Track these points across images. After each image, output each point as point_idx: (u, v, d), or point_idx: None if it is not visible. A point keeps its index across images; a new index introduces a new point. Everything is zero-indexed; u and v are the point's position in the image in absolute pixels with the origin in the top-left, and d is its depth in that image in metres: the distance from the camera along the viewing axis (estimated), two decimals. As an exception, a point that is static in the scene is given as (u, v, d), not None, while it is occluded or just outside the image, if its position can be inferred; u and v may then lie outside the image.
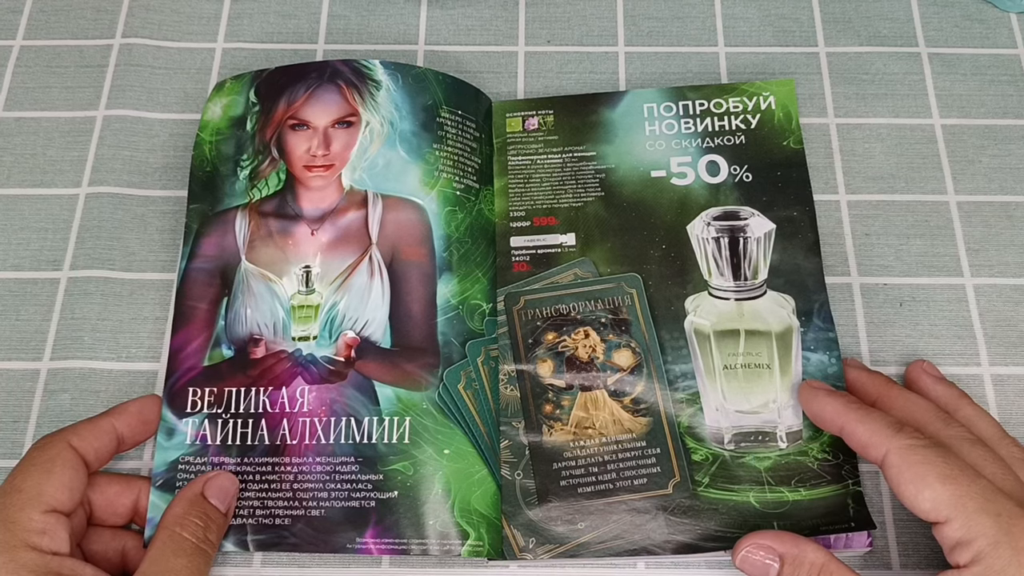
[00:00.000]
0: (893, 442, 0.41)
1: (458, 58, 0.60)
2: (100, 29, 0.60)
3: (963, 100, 0.58)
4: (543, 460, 0.48)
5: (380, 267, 0.50)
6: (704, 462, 0.48)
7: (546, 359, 0.50)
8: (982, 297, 0.53)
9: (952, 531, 0.39)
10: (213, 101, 0.55)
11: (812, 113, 0.58)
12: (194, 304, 0.50)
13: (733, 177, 0.54)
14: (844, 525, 0.46)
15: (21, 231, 0.55)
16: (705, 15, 0.61)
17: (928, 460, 0.40)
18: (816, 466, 0.47)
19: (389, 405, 0.48)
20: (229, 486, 0.45)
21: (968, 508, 0.39)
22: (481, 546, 0.46)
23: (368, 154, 0.52)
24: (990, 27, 0.61)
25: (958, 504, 0.39)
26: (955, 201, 0.55)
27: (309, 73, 0.54)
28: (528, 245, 0.53)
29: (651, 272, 0.52)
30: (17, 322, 0.52)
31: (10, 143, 0.57)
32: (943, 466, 0.40)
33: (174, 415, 0.48)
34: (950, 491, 0.39)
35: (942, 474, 0.40)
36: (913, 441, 0.41)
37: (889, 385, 0.48)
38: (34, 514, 0.40)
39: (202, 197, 0.52)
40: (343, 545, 0.45)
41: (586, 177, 0.55)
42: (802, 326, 0.50)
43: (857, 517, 0.46)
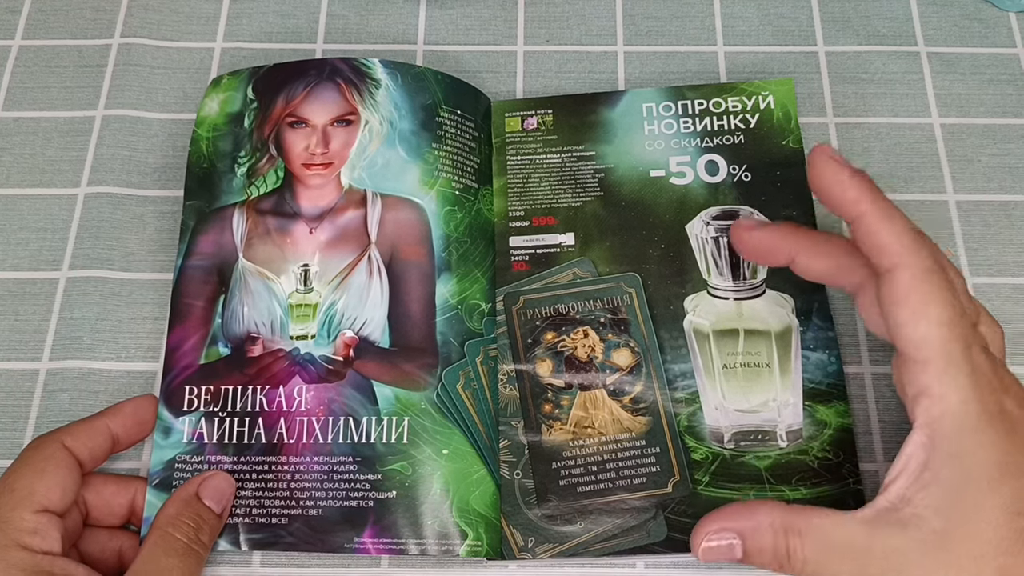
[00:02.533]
0: (912, 260, 0.38)
1: (457, 58, 0.60)
2: (99, 29, 0.60)
3: (962, 99, 0.58)
4: (542, 459, 0.48)
5: (379, 266, 0.50)
6: (704, 461, 0.48)
7: (545, 359, 0.50)
8: (981, 296, 0.53)
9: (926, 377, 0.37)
10: (210, 97, 0.55)
11: (811, 112, 0.58)
12: (190, 302, 0.50)
13: (732, 176, 0.54)
14: None
15: (20, 231, 0.55)
16: (704, 14, 0.61)
17: (939, 292, 0.37)
18: (816, 465, 0.47)
19: (388, 405, 0.48)
20: (225, 487, 0.45)
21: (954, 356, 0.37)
22: (480, 546, 0.46)
23: (367, 153, 0.52)
24: (989, 26, 0.61)
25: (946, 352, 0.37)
26: (954, 200, 0.55)
27: (308, 70, 0.54)
28: (527, 245, 0.53)
29: (650, 272, 0.52)
30: (16, 322, 0.52)
31: (9, 143, 0.57)
32: (950, 305, 0.37)
33: (170, 414, 0.48)
34: (944, 334, 0.37)
35: (951, 315, 0.37)
36: (933, 264, 0.38)
37: None
38: (26, 514, 0.40)
39: (199, 194, 0.52)
40: (341, 545, 0.45)
41: (585, 177, 0.55)
42: (801, 325, 0.50)
43: None
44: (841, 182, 0.40)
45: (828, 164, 0.40)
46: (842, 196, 0.40)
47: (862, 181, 0.40)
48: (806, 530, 0.39)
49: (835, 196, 0.40)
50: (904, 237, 0.38)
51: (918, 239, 0.38)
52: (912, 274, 0.37)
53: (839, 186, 0.40)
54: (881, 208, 0.39)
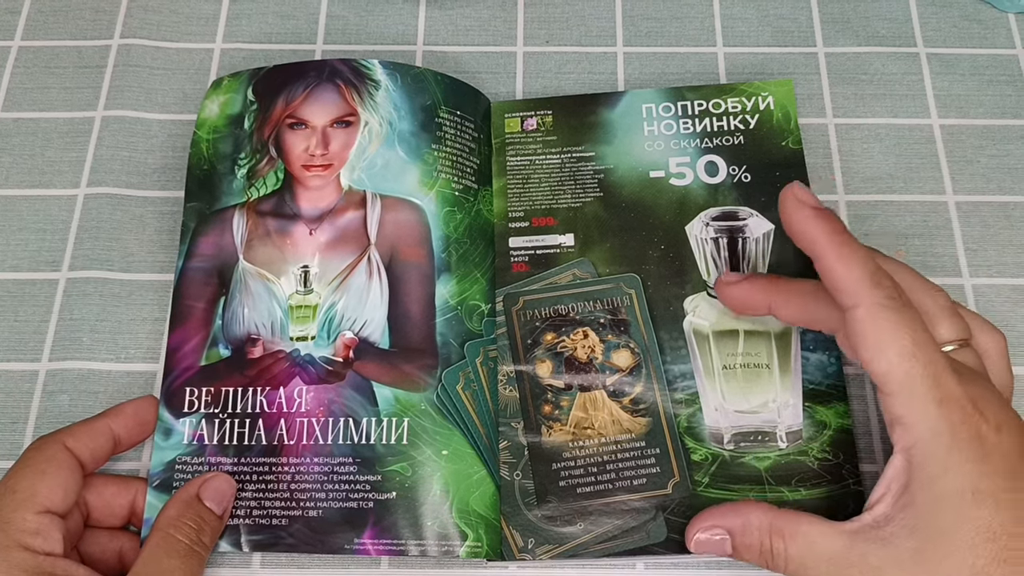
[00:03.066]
0: (867, 298, 0.39)
1: (457, 58, 0.60)
2: (98, 30, 0.60)
3: (962, 100, 0.58)
4: (542, 460, 0.48)
5: (379, 267, 0.50)
6: (704, 462, 0.48)
7: (545, 359, 0.50)
8: (981, 297, 0.53)
9: (895, 406, 0.38)
10: (210, 99, 0.55)
11: (811, 113, 0.58)
12: (191, 303, 0.50)
13: (732, 177, 0.54)
14: None
15: (19, 232, 0.55)
16: (704, 15, 0.61)
17: (897, 326, 0.38)
18: (816, 466, 0.47)
19: (387, 406, 0.48)
20: (226, 488, 0.45)
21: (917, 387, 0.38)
22: (480, 547, 0.46)
23: (367, 154, 0.52)
24: (988, 27, 0.61)
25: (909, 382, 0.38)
26: (953, 201, 0.55)
27: (308, 72, 0.54)
28: (527, 245, 0.53)
29: (650, 272, 0.52)
30: (15, 323, 0.52)
31: (8, 144, 0.57)
32: (909, 336, 0.38)
33: (171, 415, 0.48)
34: (906, 368, 0.38)
35: (904, 343, 0.38)
36: (887, 300, 0.39)
37: None
38: (27, 515, 0.40)
39: (199, 196, 0.52)
40: (341, 546, 0.45)
41: (585, 177, 0.55)
42: (801, 326, 0.50)
43: None
44: (802, 220, 0.41)
45: (791, 203, 0.42)
46: (803, 235, 0.41)
47: (822, 219, 0.41)
48: (791, 535, 0.41)
49: (798, 235, 0.42)
50: (859, 275, 0.39)
51: (875, 275, 0.39)
52: (868, 311, 0.38)
53: (800, 224, 0.41)
54: (838, 247, 0.40)
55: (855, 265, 0.39)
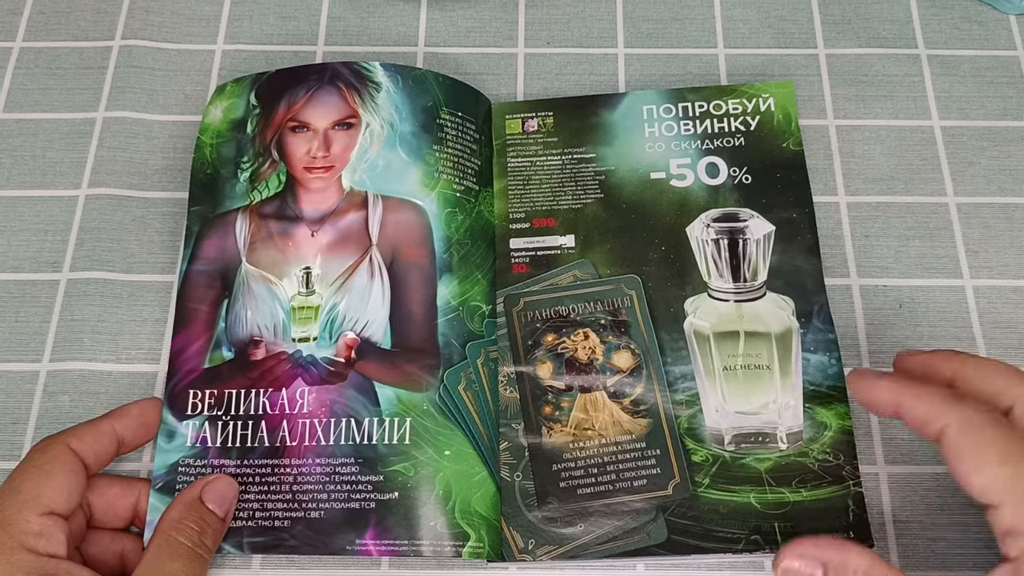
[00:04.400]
0: (952, 414, 0.39)
1: (458, 60, 0.60)
2: (100, 31, 0.60)
3: (962, 102, 0.58)
4: (542, 462, 0.48)
5: (380, 268, 0.50)
6: (704, 463, 0.48)
7: (545, 361, 0.50)
8: (981, 299, 0.53)
9: (1004, 517, 0.37)
10: (214, 104, 0.55)
11: (811, 115, 0.58)
12: (195, 306, 0.50)
13: (732, 179, 0.54)
14: (842, 534, 0.46)
15: (21, 233, 0.55)
16: (704, 17, 0.61)
17: (988, 438, 0.38)
18: (817, 467, 0.47)
19: (389, 406, 0.48)
20: (228, 491, 0.45)
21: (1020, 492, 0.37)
22: (481, 548, 0.46)
23: (368, 155, 0.52)
24: (989, 29, 0.61)
25: (1010, 487, 0.37)
26: (954, 203, 0.55)
27: (309, 75, 0.54)
28: (527, 247, 0.53)
29: (650, 274, 0.52)
30: (16, 324, 0.52)
31: (10, 145, 0.57)
32: (1003, 443, 0.38)
33: (174, 417, 0.48)
34: (1007, 472, 0.37)
35: (1001, 452, 0.37)
36: (974, 414, 0.39)
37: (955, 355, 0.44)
38: (31, 516, 0.40)
39: (203, 199, 0.52)
40: (342, 547, 0.45)
41: (586, 179, 0.55)
42: (802, 327, 0.50)
43: (857, 523, 0.46)
44: (873, 386, 0.43)
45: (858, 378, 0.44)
46: (880, 398, 0.42)
47: (888, 378, 0.42)
48: None
49: (879, 401, 0.42)
50: (942, 402, 0.40)
51: (951, 398, 0.40)
52: (955, 430, 0.39)
53: (873, 390, 0.43)
54: (912, 390, 0.41)
55: (931, 395, 0.40)
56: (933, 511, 0.48)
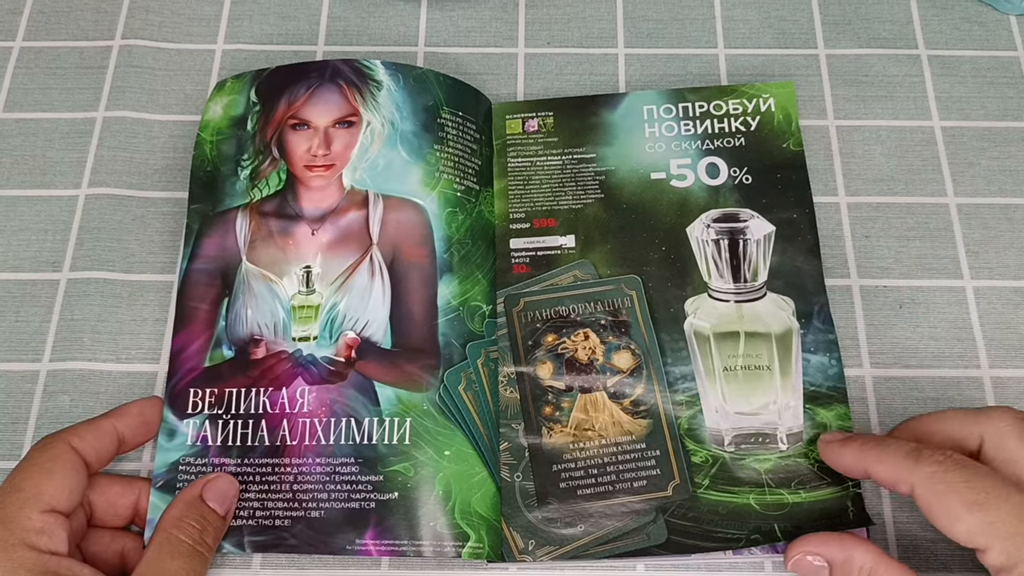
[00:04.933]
0: (914, 474, 0.40)
1: (458, 60, 0.60)
2: (100, 30, 0.60)
3: (963, 102, 0.58)
4: (542, 462, 0.48)
5: (381, 267, 0.50)
6: (704, 464, 0.48)
7: (546, 361, 0.50)
8: (982, 299, 0.53)
9: (992, 558, 0.38)
10: (214, 101, 0.55)
11: (812, 115, 0.58)
12: (195, 305, 0.50)
13: (733, 179, 0.54)
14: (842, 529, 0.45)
15: (21, 232, 0.55)
16: (705, 17, 0.61)
17: (952, 487, 0.39)
18: (816, 468, 0.47)
19: (389, 406, 0.48)
20: (228, 489, 0.45)
21: (1001, 534, 0.38)
22: (481, 548, 0.46)
23: (369, 154, 0.52)
24: (989, 29, 0.61)
25: (990, 531, 0.38)
26: (955, 203, 0.55)
27: (310, 73, 0.54)
28: (528, 247, 0.53)
29: (651, 274, 0.52)
30: (16, 323, 0.52)
31: (10, 144, 0.57)
32: (967, 492, 0.38)
33: (175, 416, 0.48)
34: (979, 519, 0.38)
35: (968, 501, 0.38)
36: (933, 468, 0.39)
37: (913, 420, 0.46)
38: (33, 514, 0.40)
39: (203, 197, 0.52)
40: (342, 546, 0.45)
41: (586, 179, 0.55)
42: (802, 328, 0.50)
43: (856, 520, 0.46)
44: (838, 453, 0.45)
45: (825, 447, 0.46)
46: (847, 464, 0.44)
47: (851, 443, 0.44)
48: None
49: (848, 468, 0.44)
50: (901, 461, 0.41)
51: (911, 455, 0.41)
52: (922, 489, 0.40)
53: (838, 456, 0.45)
54: (873, 454, 0.42)
55: (892, 455, 0.41)
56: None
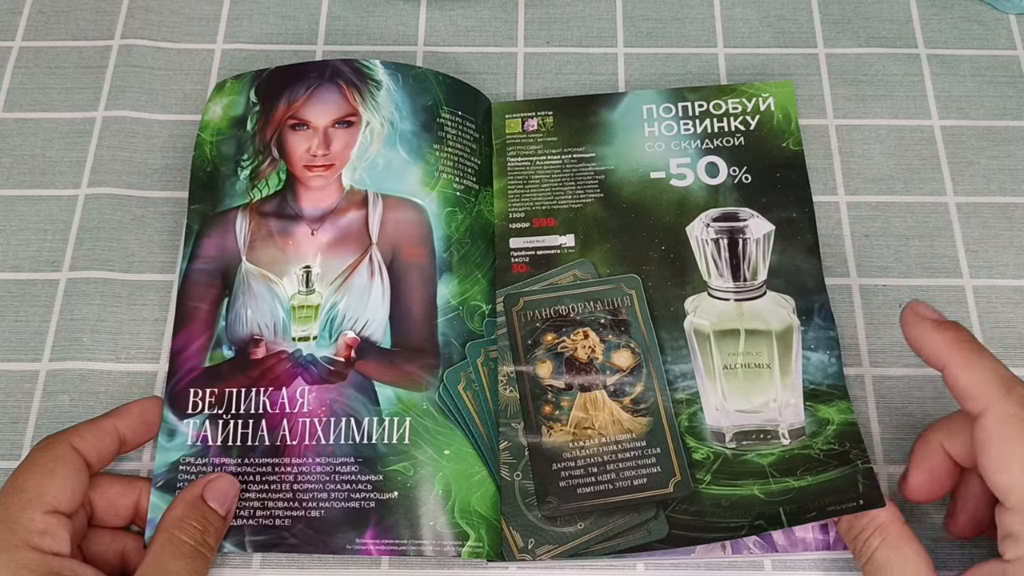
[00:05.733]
0: (997, 404, 0.38)
1: (457, 59, 0.60)
2: (99, 30, 0.60)
3: (962, 101, 0.58)
4: (542, 461, 0.48)
5: (380, 267, 0.50)
6: (705, 461, 0.48)
7: (545, 360, 0.50)
8: (981, 298, 0.53)
9: (1012, 520, 0.37)
10: (214, 101, 0.55)
11: (811, 114, 0.58)
12: (195, 305, 0.50)
13: (732, 178, 0.54)
14: (852, 504, 0.44)
15: (20, 232, 0.55)
16: (704, 16, 0.61)
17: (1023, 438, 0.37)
18: (822, 456, 0.47)
19: (389, 405, 0.48)
20: (229, 489, 0.45)
21: None
22: (481, 547, 0.46)
23: (368, 154, 0.52)
24: (989, 28, 0.61)
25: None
26: (954, 202, 0.55)
27: (309, 73, 0.54)
28: (527, 246, 0.53)
29: (650, 273, 0.52)
30: (16, 323, 0.52)
31: (9, 144, 0.57)
32: None
33: (175, 416, 0.48)
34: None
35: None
36: (1017, 409, 0.37)
37: None
38: (36, 514, 0.40)
39: (203, 197, 0.52)
40: (342, 546, 0.45)
41: (585, 178, 0.55)
42: (802, 325, 0.50)
43: (867, 493, 0.44)
44: (924, 331, 0.41)
45: (910, 317, 0.42)
46: (927, 346, 0.41)
47: (945, 329, 0.41)
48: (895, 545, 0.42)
49: (921, 347, 0.41)
50: (987, 383, 0.38)
51: (1004, 383, 0.38)
52: (995, 419, 0.37)
53: (922, 336, 0.41)
54: (965, 357, 0.39)
55: (983, 371, 0.39)
56: (934, 511, 0.48)
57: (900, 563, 0.41)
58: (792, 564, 0.47)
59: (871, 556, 0.42)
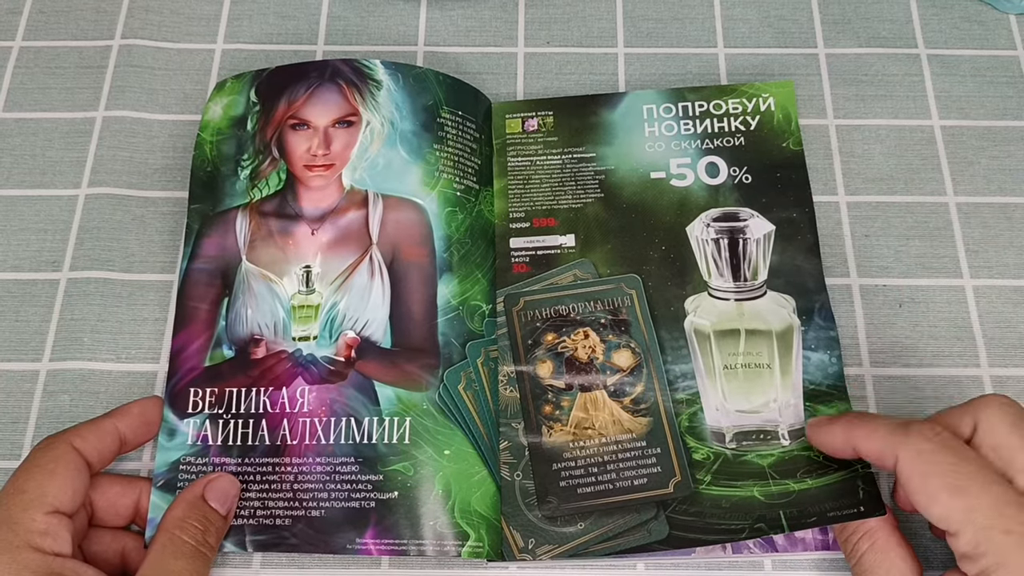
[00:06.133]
0: (901, 448, 0.39)
1: (457, 59, 0.60)
2: (99, 30, 0.60)
3: (962, 101, 0.58)
4: (542, 461, 0.48)
5: (380, 267, 0.50)
6: (706, 461, 0.48)
7: (545, 360, 0.50)
8: (981, 298, 0.53)
9: (960, 544, 0.38)
10: (214, 101, 0.55)
11: (811, 114, 0.58)
12: (195, 305, 0.50)
13: (733, 178, 0.54)
14: (852, 511, 0.44)
15: (20, 232, 0.55)
16: (704, 16, 0.61)
17: (938, 468, 0.38)
18: (821, 458, 0.47)
19: (389, 405, 0.48)
20: (229, 488, 0.45)
21: (977, 523, 0.37)
22: (481, 547, 0.46)
23: (368, 154, 0.52)
24: (989, 28, 0.61)
25: (967, 518, 0.37)
26: (954, 202, 0.55)
27: (310, 72, 0.54)
28: (527, 246, 0.53)
29: (651, 273, 0.52)
30: (16, 323, 0.52)
31: (9, 144, 0.57)
32: (952, 475, 0.38)
33: (175, 416, 0.48)
34: (959, 504, 0.38)
35: (950, 485, 0.38)
36: (922, 444, 0.39)
37: None
38: (37, 515, 0.40)
39: (203, 197, 0.52)
40: (343, 546, 0.45)
41: (586, 178, 0.55)
42: (803, 325, 0.50)
43: (867, 500, 0.45)
44: (824, 430, 0.44)
45: (812, 429, 0.45)
46: (836, 441, 0.44)
47: (839, 420, 0.44)
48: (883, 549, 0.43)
49: (836, 445, 0.44)
50: (889, 435, 0.41)
51: (899, 429, 0.40)
52: (907, 461, 0.39)
53: (823, 437, 0.45)
54: (861, 429, 0.42)
55: (878, 427, 0.41)
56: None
57: (886, 568, 0.42)
58: (792, 564, 0.47)
59: (859, 559, 0.43)
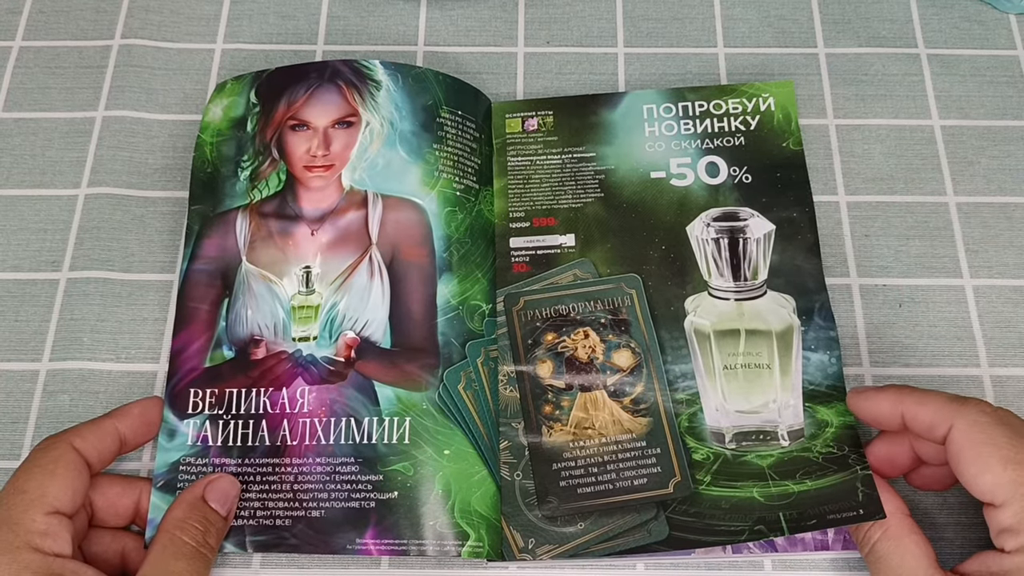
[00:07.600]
0: (957, 417, 0.40)
1: (457, 59, 0.60)
2: (99, 30, 0.60)
3: (962, 101, 0.58)
4: (542, 461, 0.48)
5: (380, 267, 0.50)
6: (705, 461, 0.48)
7: (545, 360, 0.50)
8: (981, 298, 0.53)
9: (1004, 516, 0.38)
10: (214, 102, 0.55)
11: (811, 114, 0.58)
12: (195, 305, 0.50)
13: (733, 178, 0.54)
14: (852, 514, 0.44)
15: (20, 232, 0.55)
16: (704, 16, 0.61)
17: (993, 439, 0.39)
18: (820, 459, 0.47)
19: (389, 405, 0.48)
20: (230, 489, 0.45)
21: None
22: (481, 547, 0.46)
23: (368, 154, 0.52)
24: (989, 28, 0.61)
25: (1017, 492, 0.38)
26: (954, 202, 0.55)
27: (309, 73, 0.54)
28: (527, 246, 0.53)
29: (651, 273, 0.52)
30: (16, 323, 0.52)
31: (9, 144, 0.57)
32: (1007, 448, 0.38)
33: (175, 416, 0.48)
34: (1011, 476, 0.38)
35: (1005, 457, 0.38)
36: (978, 416, 0.39)
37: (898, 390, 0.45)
38: (37, 515, 0.40)
39: (203, 198, 0.52)
40: (343, 546, 0.45)
41: (586, 178, 0.55)
42: (803, 325, 0.50)
43: (867, 503, 0.45)
44: (871, 398, 0.44)
45: (857, 396, 0.45)
46: (881, 408, 0.44)
47: (887, 390, 0.44)
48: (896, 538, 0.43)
49: (882, 413, 0.44)
50: (941, 406, 0.41)
51: (956, 401, 0.41)
52: (961, 430, 0.39)
53: (872, 402, 0.44)
54: (915, 397, 0.42)
55: (934, 399, 0.41)
56: (932, 510, 0.48)
57: (899, 555, 0.42)
58: (792, 564, 0.47)
59: (872, 547, 0.43)
